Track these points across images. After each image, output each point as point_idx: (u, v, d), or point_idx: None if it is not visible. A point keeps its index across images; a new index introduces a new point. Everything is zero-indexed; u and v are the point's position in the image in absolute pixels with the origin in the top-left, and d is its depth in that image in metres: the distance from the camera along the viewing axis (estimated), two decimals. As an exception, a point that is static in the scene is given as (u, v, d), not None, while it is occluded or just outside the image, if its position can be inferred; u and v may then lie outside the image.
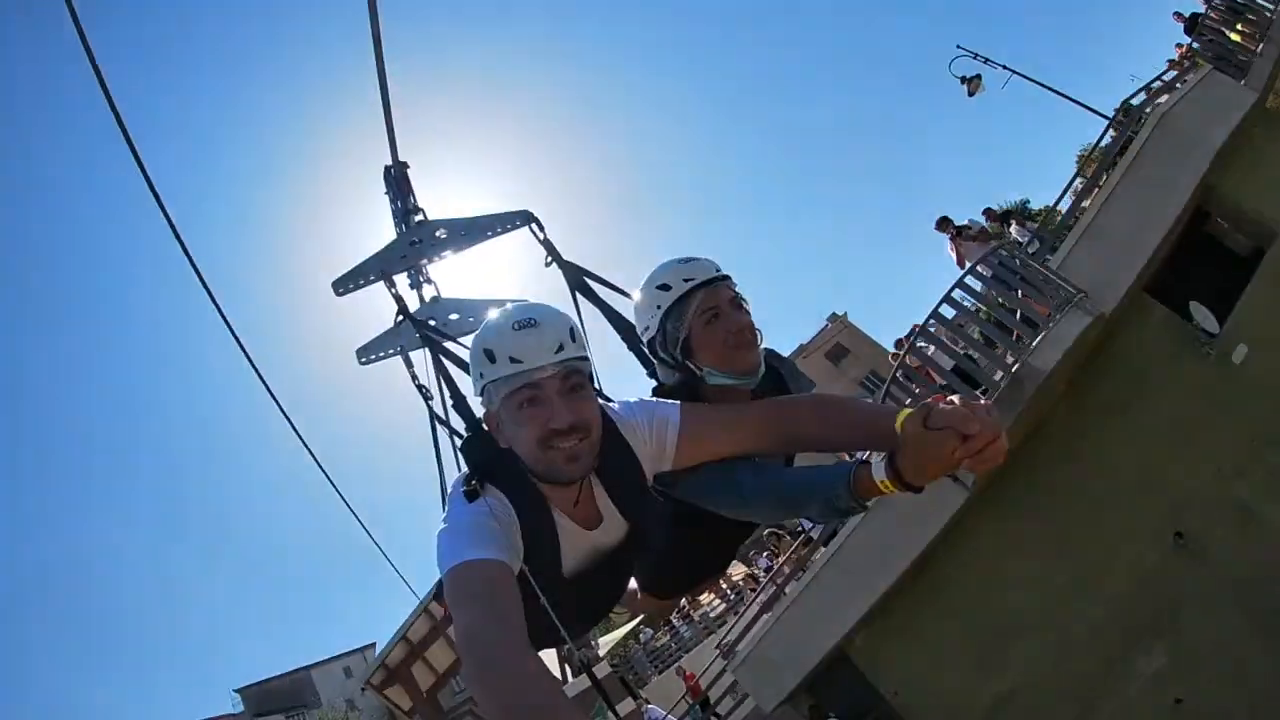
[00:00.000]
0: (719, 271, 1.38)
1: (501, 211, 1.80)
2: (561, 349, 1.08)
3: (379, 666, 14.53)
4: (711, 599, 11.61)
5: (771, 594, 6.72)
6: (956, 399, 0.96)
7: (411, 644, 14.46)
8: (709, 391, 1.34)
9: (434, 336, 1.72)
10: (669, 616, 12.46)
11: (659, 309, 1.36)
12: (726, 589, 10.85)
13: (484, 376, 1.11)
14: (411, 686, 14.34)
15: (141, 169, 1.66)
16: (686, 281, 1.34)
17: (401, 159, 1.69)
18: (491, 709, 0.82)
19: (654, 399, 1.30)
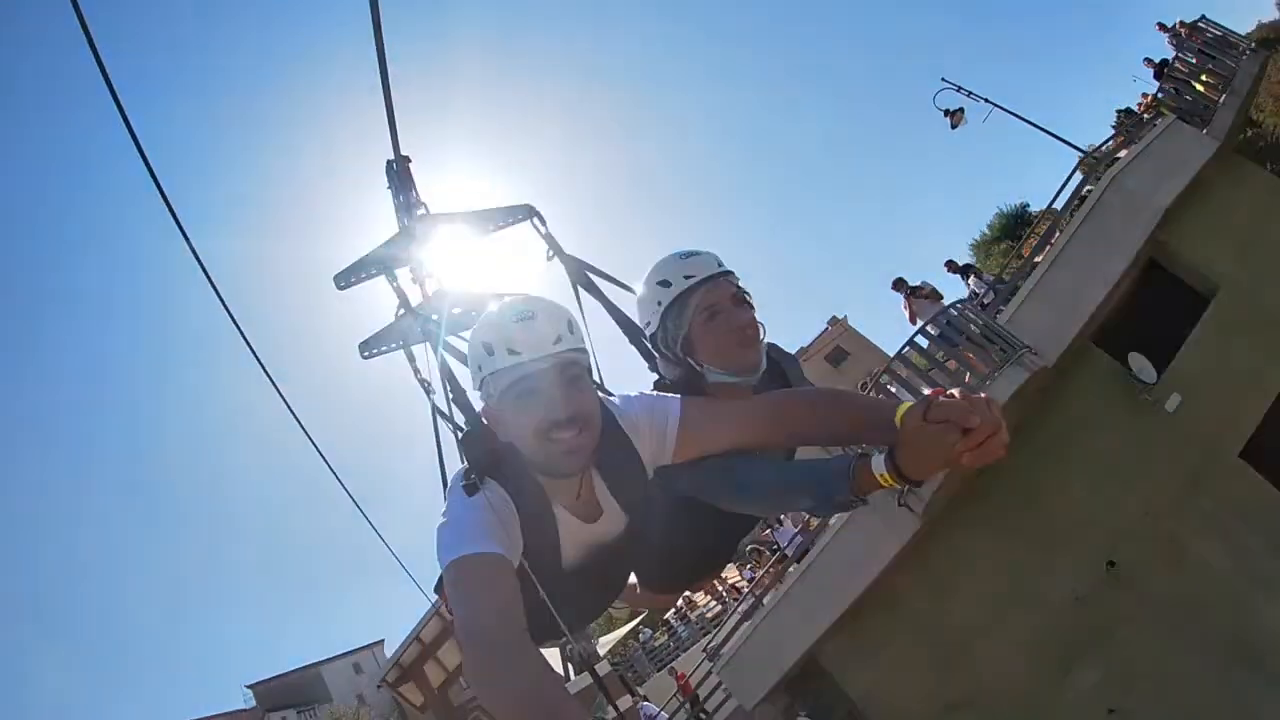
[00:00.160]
0: (720, 267, 1.39)
1: (503, 206, 1.83)
2: (559, 341, 1.12)
3: (394, 665, 15.72)
4: (708, 600, 12.42)
5: (751, 604, 7.72)
6: (956, 392, 0.98)
7: (424, 644, 15.66)
8: (710, 388, 1.36)
9: (435, 330, 1.75)
10: (667, 616, 13.35)
11: (659, 305, 1.39)
12: (722, 591, 11.66)
13: (482, 369, 1.15)
14: (424, 684, 15.54)
15: (145, 161, 1.68)
16: (687, 278, 1.37)
17: (404, 153, 1.70)
18: (491, 702, 0.84)
19: (655, 393, 1.33)
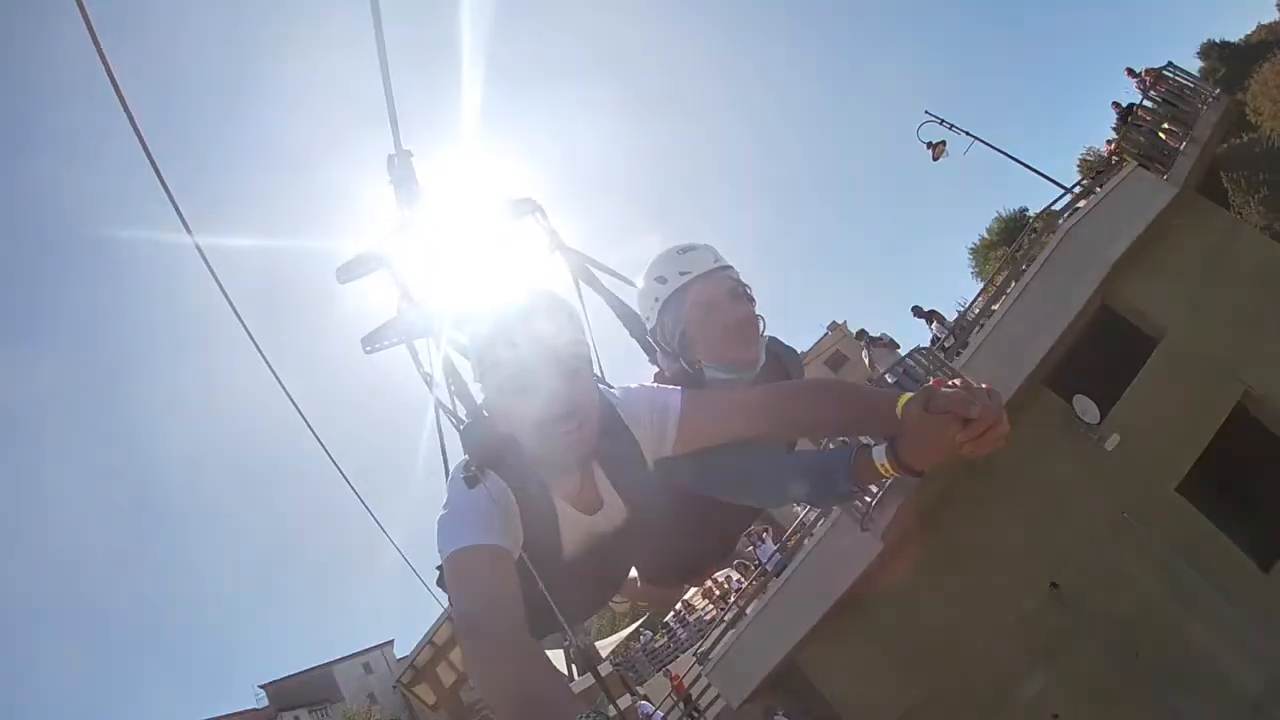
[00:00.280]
0: (717, 261, 1.41)
1: (505, 200, 1.90)
2: (558, 334, 1.15)
3: (409, 667, 16.91)
4: (705, 604, 13.35)
5: (735, 613, 8.73)
6: (958, 382, 1.00)
7: (436, 646, 16.87)
8: (709, 384, 1.38)
9: (436, 324, 1.75)
10: (667, 619, 14.30)
11: (657, 301, 1.42)
12: (719, 594, 12.58)
13: (483, 362, 1.19)
14: (436, 684, 16.74)
15: (146, 152, 1.71)
16: (683, 274, 1.39)
17: (406, 147, 1.73)
18: (490, 693, 0.88)
19: (655, 385, 1.35)
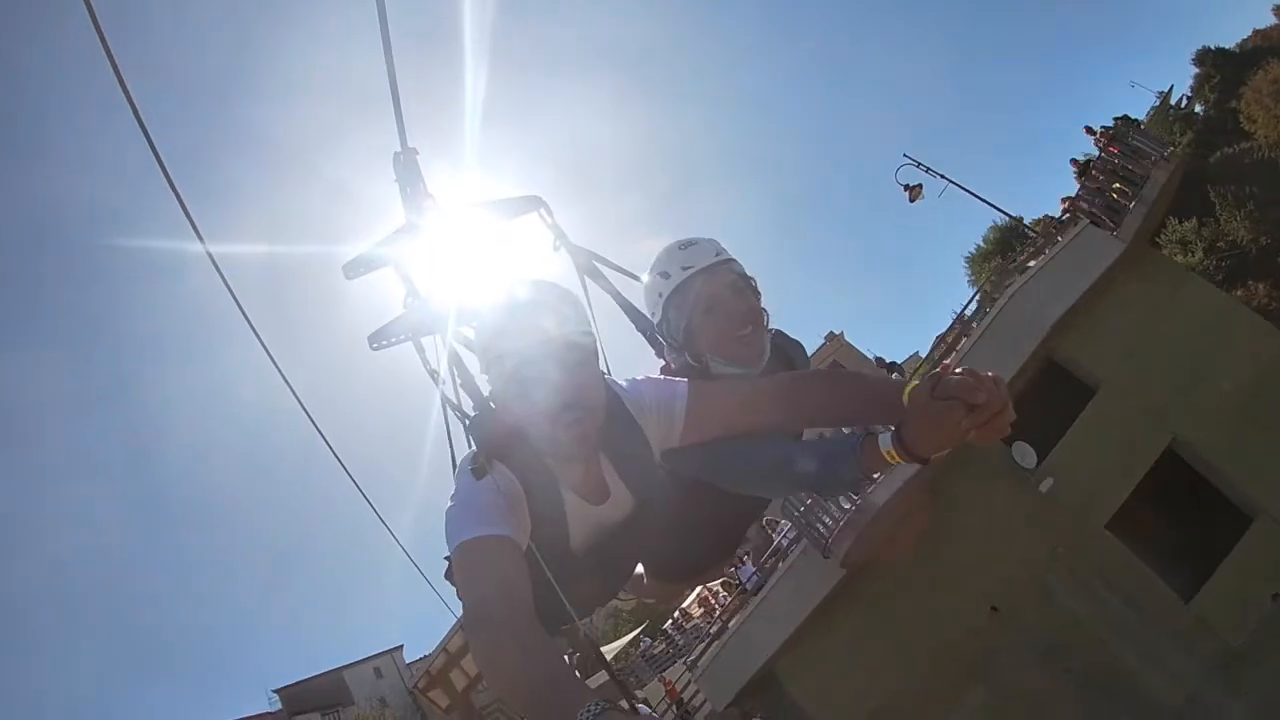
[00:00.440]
0: (719, 255, 1.47)
1: (511, 197, 1.94)
2: (563, 325, 1.19)
3: (424, 673, 18.48)
4: (702, 612, 14.68)
5: (719, 627, 10.10)
6: (964, 369, 1.04)
7: (449, 653, 18.43)
8: (714, 378, 1.46)
9: (443, 319, 1.77)
10: (665, 627, 15.61)
11: (660, 296, 1.50)
12: (715, 604, 13.80)
13: (488, 354, 1.24)
14: (450, 689, 18.26)
15: (155, 154, 1.73)
16: (685, 270, 1.46)
17: (412, 145, 1.75)
18: (499, 682, 0.91)
19: (662, 377, 1.43)
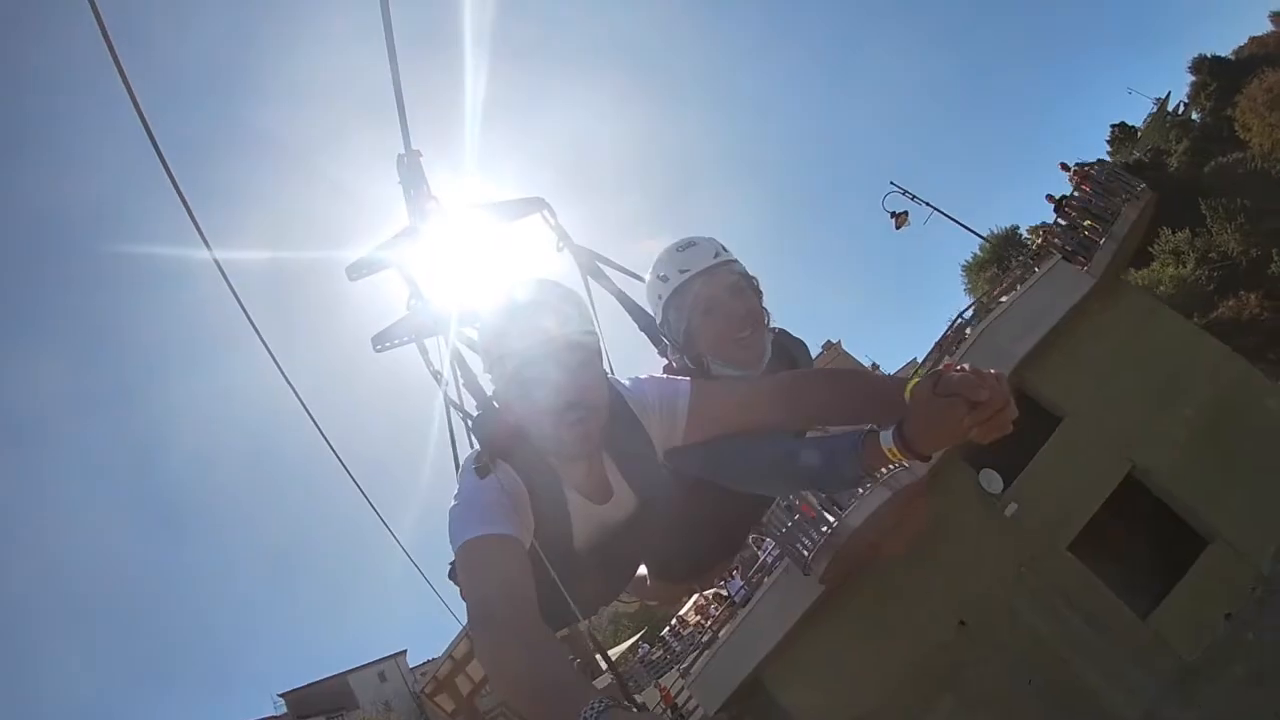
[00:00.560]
0: (718, 256, 1.52)
1: (514, 198, 1.97)
2: (566, 324, 1.22)
3: (431, 679, 19.39)
4: (697, 619, 15.44)
5: (710, 637, 10.91)
6: (967, 366, 1.05)
7: (455, 660, 19.35)
8: (715, 378, 1.50)
9: (446, 320, 1.78)
10: (663, 633, 16.32)
11: (660, 299, 1.56)
12: (706, 615, 14.53)
13: (491, 354, 1.28)
14: (455, 694, 19.20)
15: (162, 160, 1.75)
16: (683, 272, 1.51)
17: (415, 147, 1.77)
18: (502, 681, 0.93)
19: (665, 376, 1.46)
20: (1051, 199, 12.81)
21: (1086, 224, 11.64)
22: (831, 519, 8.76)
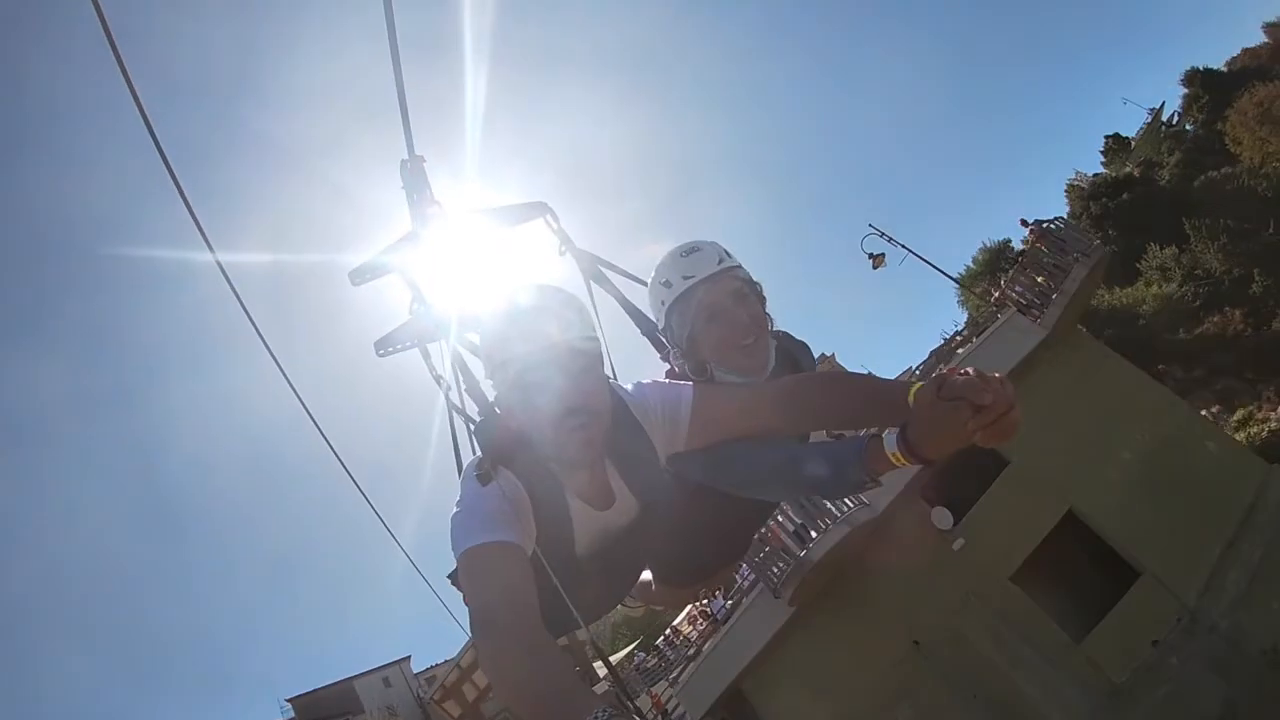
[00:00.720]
0: (721, 263, 1.54)
1: (517, 203, 2.01)
2: (567, 331, 1.25)
3: (439, 686, 21.03)
4: (691, 629, 16.78)
5: (695, 650, 12.47)
6: (971, 370, 1.05)
7: (462, 668, 20.96)
8: (720, 382, 1.52)
9: (448, 325, 1.82)
10: (657, 642, 17.84)
11: (663, 304, 1.58)
12: (715, 613, 15.89)
13: (493, 359, 1.30)
14: (462, 700, 20.79)
15: (163, 157, 1.78)
16: (686, 279, 1.53)
17: (418, 152, 1.79)
18: (504, 689, 0.95)
19: (667, 381, 1.49)
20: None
21: (1039, 280, 13.08)
22: (798, 551, 10.25)
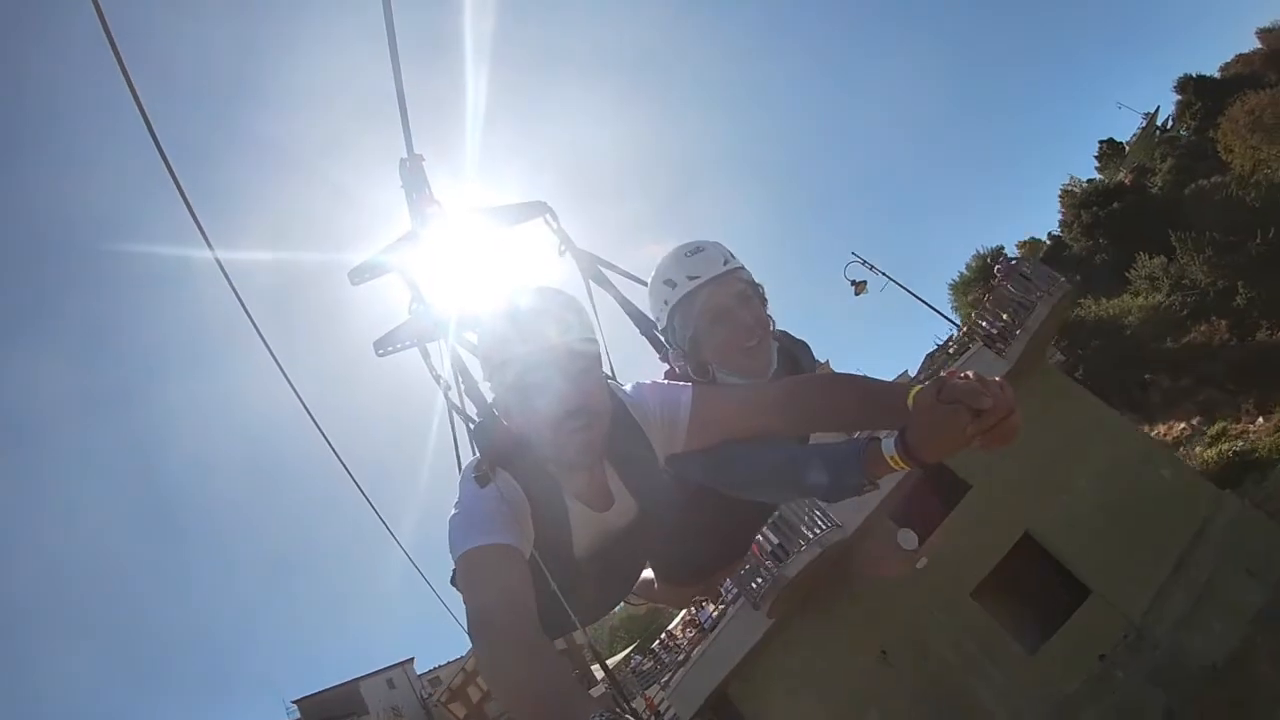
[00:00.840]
0: (725, 264, 1.55)
1: (517, 203, 2.02)
2: (567, 331, 1.26)
3: (445, 689, 22.34)
4: (686, 631, 17.15)
5: (685, 656, 13.81)
6: (971, 374, 1.07)
7: (466, 670, 22.29)
8: (721, 383, 1.54)
9: (448, 325, 1.83)
10: (653, 646, 19.11)
11: (666, 304, 1.59)
12: (703, 622, 17.13)
13: (491, 361, 1.33)
14: (467, 701, 22.13)
15: (163, 157, 1.81)
16: (691, 279, 1.54)
17: (417, 151, 1.79)
18: (502, 691, 0.96)
19: (666, 382, 1.50)
20: (984, 286, 15.43)
21: (1004, 317, 14.23)
22: (775, 568, 11.53)
